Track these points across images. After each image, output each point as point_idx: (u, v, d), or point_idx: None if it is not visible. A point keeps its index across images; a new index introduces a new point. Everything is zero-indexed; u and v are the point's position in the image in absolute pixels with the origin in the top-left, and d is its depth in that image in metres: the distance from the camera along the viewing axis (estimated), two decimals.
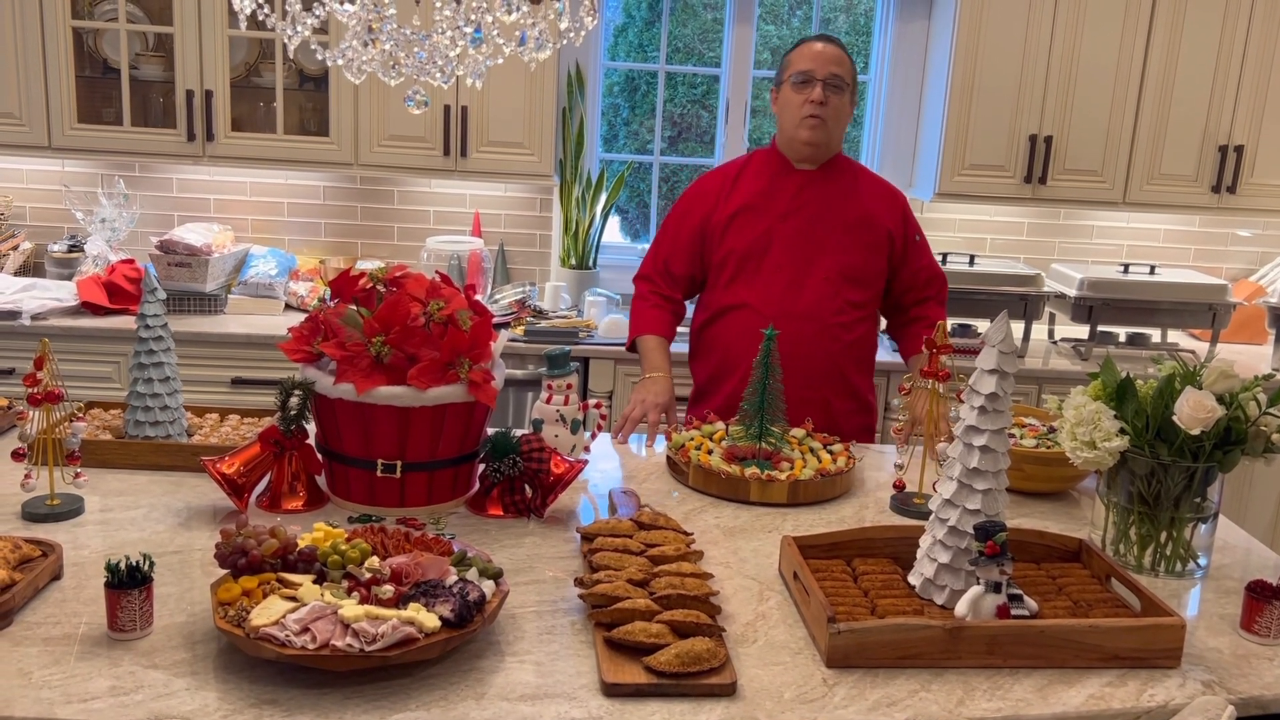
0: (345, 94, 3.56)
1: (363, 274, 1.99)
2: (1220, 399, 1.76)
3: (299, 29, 1.54)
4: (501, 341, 2.01)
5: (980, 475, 1.62)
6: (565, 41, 1.70)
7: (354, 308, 1.95)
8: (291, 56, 3.60)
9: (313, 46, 1.64)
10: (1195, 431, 1.73)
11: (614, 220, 4.32)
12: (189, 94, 3.51)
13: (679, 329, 2.72)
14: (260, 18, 1.57)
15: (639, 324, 2.64)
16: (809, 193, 2.57)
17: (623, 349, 3.46)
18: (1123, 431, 1.80)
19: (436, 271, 2.07)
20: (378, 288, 1.96)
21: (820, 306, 2.54)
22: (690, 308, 2.77)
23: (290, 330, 1.96)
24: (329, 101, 3.57)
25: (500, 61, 1.72)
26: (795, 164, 2.59)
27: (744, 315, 2.52)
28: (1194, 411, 1.73)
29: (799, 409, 2.47)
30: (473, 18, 1.53)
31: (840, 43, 2.56)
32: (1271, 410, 1.79)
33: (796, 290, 2.54)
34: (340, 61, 1.60)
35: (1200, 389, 1.76)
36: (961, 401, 1.68)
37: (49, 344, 1.80)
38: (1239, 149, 3.76)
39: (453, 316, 1.89)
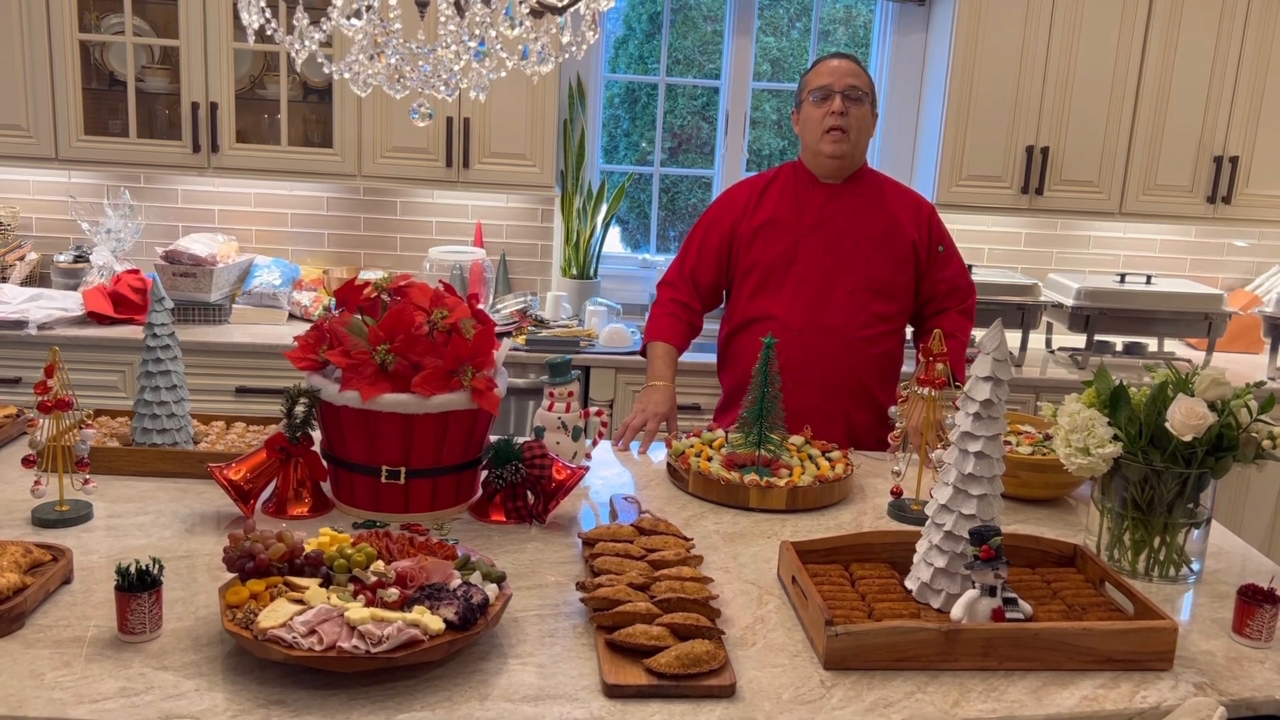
0: (349, 106, 3.59)
1: (367, 283, 2.02)
2: (1212, 406, 1.79)
3: (305, 43, 1.57)
4: (504, 350, 2.04)
5: (975, 481, 1.64)
6: (567, 55, 1.73)
7: (359, 316, 1.98)
8: (298, 70, 3.64)
9: (319, 60, 1.67)
10: (1188, 438, 1.76)
11: (615, 231, 4.35)
12: (194, 106, 3.55)
13: (701, 339, 2.74)
14: (268, 32, 1.60)
15: (652, 330, 2.67)
16: (834, 206, 2.59)
17: (623, 358, 3.50)
18: (1116, 438, 1.83)
19: (440, 281, 2.10)
20: (382, 297, 1.99)
21: (847, 321, 2.56)
22: (713, 320, 2.81)
23: (296, 339, 1.99)
24: (333, 113, 3.61)
25: (503, 75, 1.75)
26: (821, 179, 2.61)
27: (769, 327, 2.52)
28: (1186, 418, 1.75)
29: (820, 422, 2.49)
30: (476, 32, 1.57)
31: (856, 58, 2.59)
32: (1263, 417, 1.81)
33: (822, 304, 2.56)
34: (346, 75, 1.64)
35: (1192, 396, 1.79)
36: (957, 409, 1.70)
37: (59, 352, 1.83)
38: (1234, 160, 3.79)
39: (456, 325, 1.92)
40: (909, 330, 2.76)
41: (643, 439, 2.46)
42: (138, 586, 1.47)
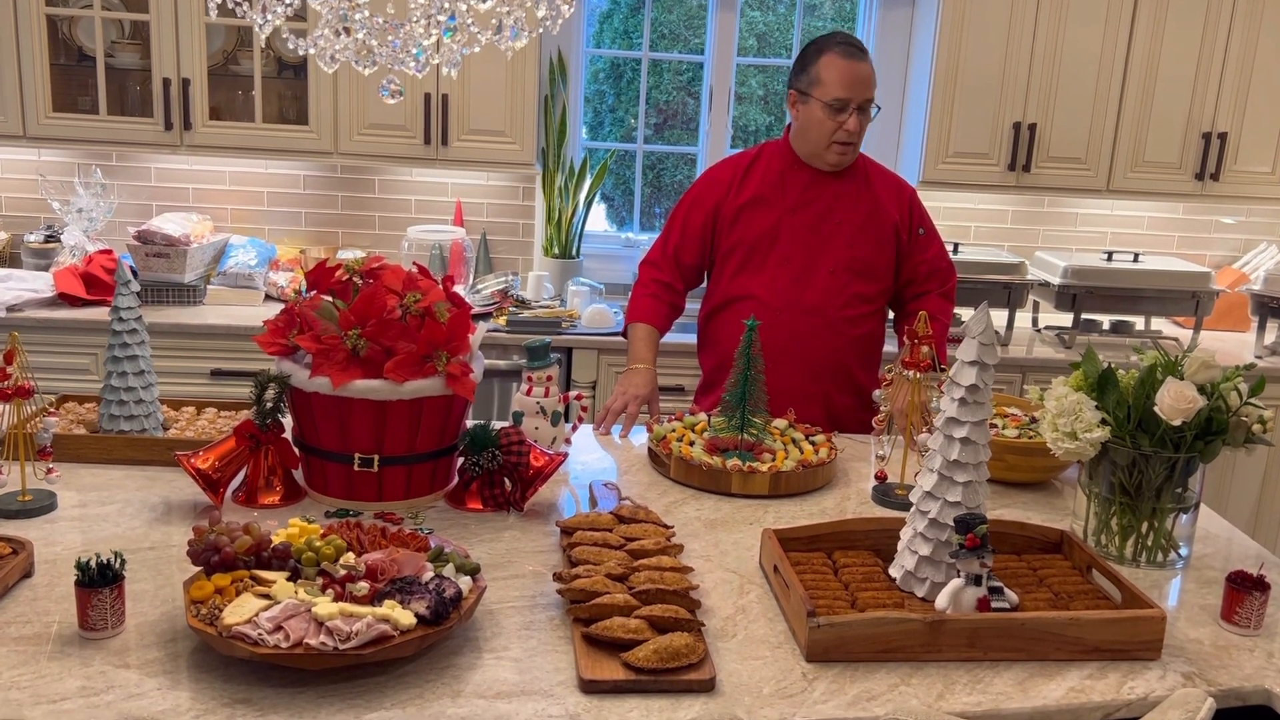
0: (324, 82, 3.52)
1: (339, 265, 1.96)
2: (1201, 389, 1.76)
3: (269, 17, 1.51)
4: (480, 334, 1.99)
5: (960, 467, 1.61)
6: (541, 30, 1.68)
7: (329, 300, 1.92)
8: (263, 45, 3.56)
9: (284, 35, 1.61)
10: (1176, 422, 1.72)
11: (600, 208, 4.29)
12: (166, 82, 3.47)
13: (685, 320, 2.71)
14: (230, 5, 1.54)
15: (634, 311, 2.63)
16: (819, 187, 2.55)
17: (606, 339, 3.45)
18: (1104, 422, 1.79)
19: (414, 263, 2.05)
20: (354, 280, 1.94)
21: (827, 301, 2.53)
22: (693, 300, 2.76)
23: (265, 323, 1.93)
24: (308, 90, 3.53)
25: (476, 50, 1.69)
26: (815, 167, 2.57)
27: (751, 307, 2.50)
28: (1175, 402, 1.72)
29: (801, 403, 2.46)
30: (446, 5, 1.51)
31: (868, 53, 2.50)
32: (1252, 400, 1.78)
33: (804, 283, 2.53)
34: (312, 50, 1.58)
35: (1181, 379, 1.76)
36: (942, 392, 1.67)
37: (19, 337, 1.77)
38: (1222, 136, 3.75)
39: (430, 309, 1.87)
40: (890, 315, 2.73)
41: (624, 422, 2.43)
42: (98, 581, 1.42)
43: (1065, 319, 3.82)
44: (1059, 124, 3.71)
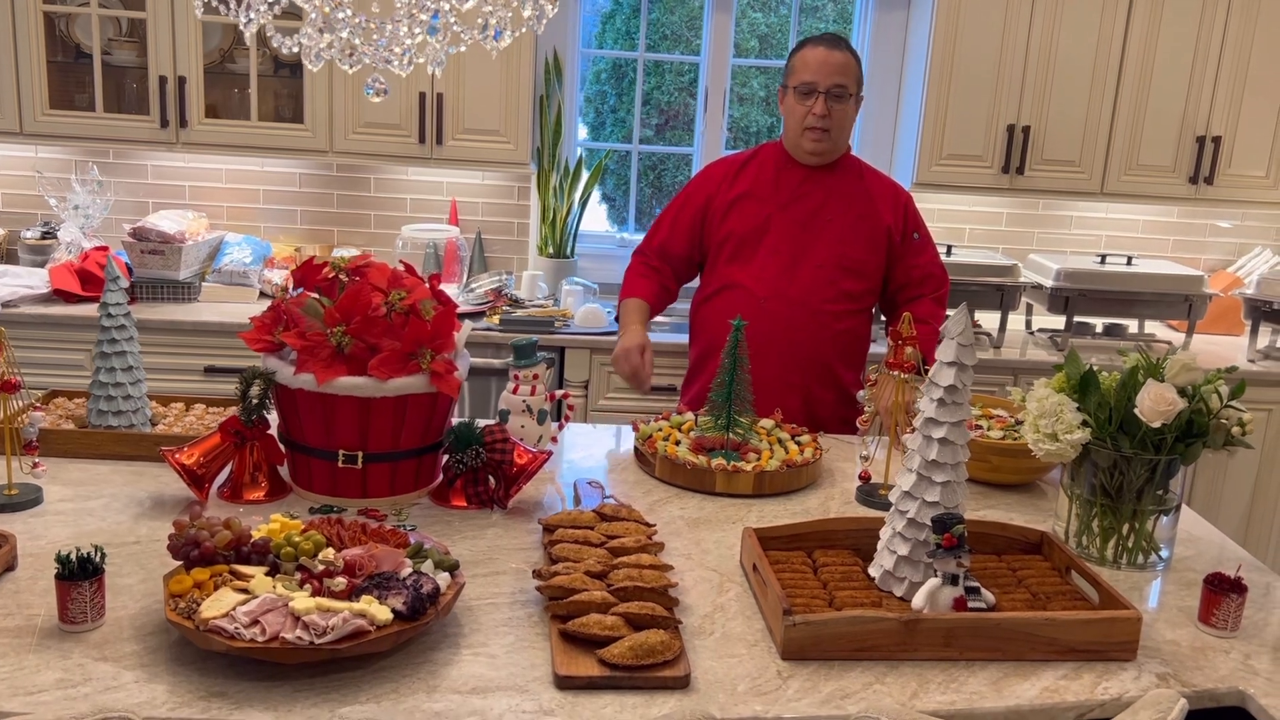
0: (320, 81, 3.53)
1: (325, 263, 1.97)
2: (1182, 391, 1.76)
3: (253, 15, 1.52)
4: (465, 331, 2.00)
5: (939, 467, 1.61)
6: (525, 29, 1.68)
7: (315, 297, 1.93)
8: (247, 42, 3.56)
9: (269, 33, 1.62)
10: (1156, 424, 1.73)
11: (601, 208, 4.30)
12: (162, 80, 3.48)
13: (678, 319, 2.74)
14: (215, 4, 1.55)
15: (626, 289, 2.69)
16: (812, 185, 2.59)
17: (599, 338, 3.46)
18: (1085, 424, 1.80)
19: (400, 260, 2.06)
20: (340, 277, 1.95)
21: (813, 293, 2.56)
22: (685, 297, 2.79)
23: (252, 319, 1.94)
24: (304, 88, 3.54)
25: (462, 49, 1.70)
26: (800, 162, 2.60)
27: (737, 295, 2.56)
28: (1155, 404, 1.73)
29: (781, 394, 2.49)
30: (429, 4, 1.52)
31: (846, 43, 2.54)
32: (1233, 403, 1.79)
33: (791, 275, 2.56)
34: (297, 49, 1.58)
35: (1162, 381, 1.76)
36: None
37: (5, 332, 1.78)
38: (1217, 140, 3.75)
39: (415, 306, 1.88)
40: (883, 319, 2.75)
41: (640, 378, 2.48)
42: (78, 575, 1.43)
43: (1058, 322, 3.82)
44: (1053, 127, 3.72)
